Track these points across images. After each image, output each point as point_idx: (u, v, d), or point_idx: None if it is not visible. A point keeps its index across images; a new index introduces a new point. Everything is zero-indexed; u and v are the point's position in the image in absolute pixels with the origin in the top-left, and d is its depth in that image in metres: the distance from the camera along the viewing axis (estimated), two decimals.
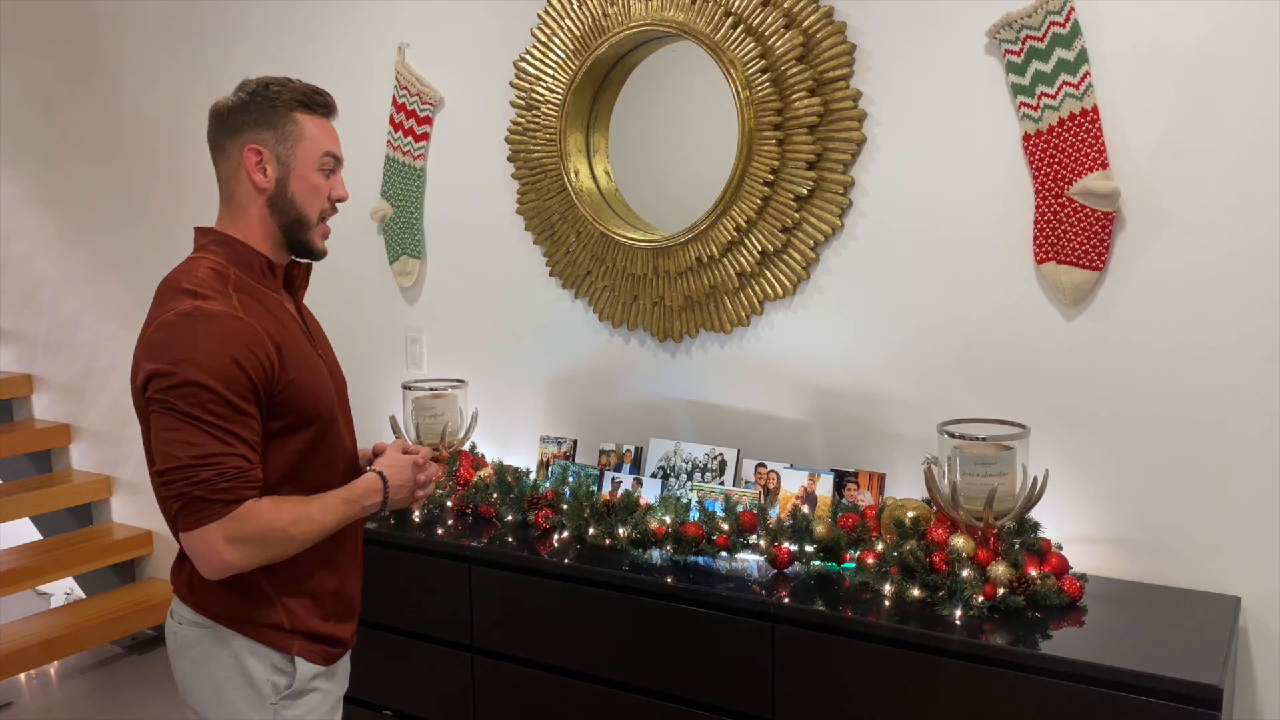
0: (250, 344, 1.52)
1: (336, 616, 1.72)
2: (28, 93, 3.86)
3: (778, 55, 2.26)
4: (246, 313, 1.56)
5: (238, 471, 1.49)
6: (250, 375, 1.51)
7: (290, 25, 3.10)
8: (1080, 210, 2.01)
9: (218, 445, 1.48)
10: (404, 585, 2.44)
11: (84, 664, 3.70)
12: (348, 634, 1.75)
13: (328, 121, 1.71)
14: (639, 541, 2.21)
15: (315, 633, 1.67)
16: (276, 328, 1.60)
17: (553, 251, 2.68)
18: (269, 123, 1.63)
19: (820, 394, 2.37)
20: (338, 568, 1.71)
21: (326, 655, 1.70)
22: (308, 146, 1.65)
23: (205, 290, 1.55)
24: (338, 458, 1.70)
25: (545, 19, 2.58)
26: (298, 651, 1.65)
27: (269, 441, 1.58)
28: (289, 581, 1.65)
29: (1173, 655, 1.70)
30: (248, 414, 1.52)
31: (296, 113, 1.65)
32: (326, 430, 1.66)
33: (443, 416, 2.63)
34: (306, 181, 1.65)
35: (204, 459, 1.48)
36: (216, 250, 1.63)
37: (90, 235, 3.78)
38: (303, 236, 1.67)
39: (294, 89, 1.66)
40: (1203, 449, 1.97)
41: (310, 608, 1.67)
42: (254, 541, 1.52)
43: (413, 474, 1.74)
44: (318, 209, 1.67)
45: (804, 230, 2.31)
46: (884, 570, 1.98)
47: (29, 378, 4.08)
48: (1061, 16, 1.98)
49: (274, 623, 1.63)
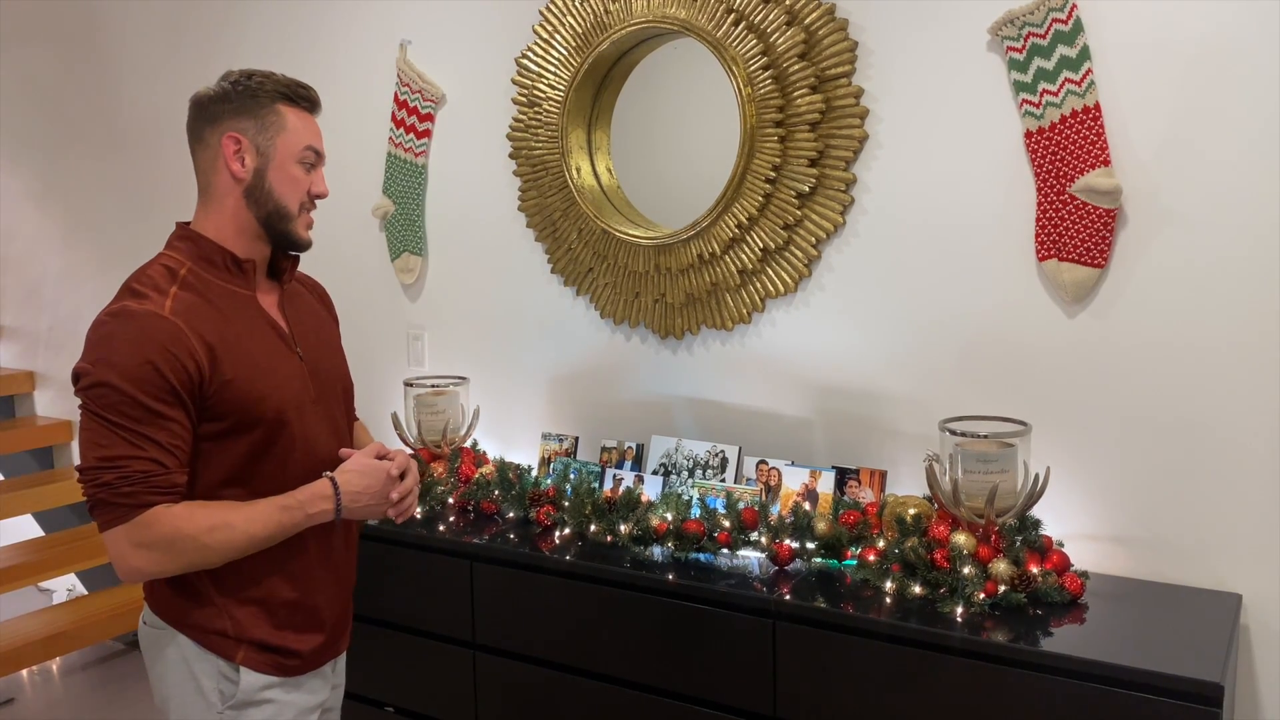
0: (169, 344, 1.48)
1: (293, 627, 1.64)
2: (30, 89, 3.87)
3: (780, 52, 2.26)
4: (178, 311, 1.52)
5: (144, 476, 1.46)
6: (167, 377, 1.47)
7: (292, 22, 3.10)
8: (1082, 207, 2.01)
9: (125, 448, 1.46)
10: (405, 582, 2.44)
11: (86, 660, 3.71)
12: (307, 646, 1.67)
13: (311, 116, 1.67)
14: (640, 538, 2.21)
15: (263, 642, 1.61)
16: (218, 327, 1.55)
17: (554, 248, 2.68)
18: (250, 112, 1.60)
19: (822, 391, 2.37)
20: (295, 577, 1.64)
21: (279, 666, 1.63)
22: (289, 138, 1.62)
23: (145, 289, 1.54)
24: (296, 462, 1.62)
25: (547, 16, 2.58)
26: (242, 660, 1.60)
27: (212, 443, 1.54)
28: (235, 588, 1.59)
29: (1174, 652, 1.70)
30: (165, 416, 1.48)
31: (279, 104, 1.61)
32: (277, 433, 1.59)
33: (444, 413, 2.64)
34: (285, 173, 1.62)
35: (108, 461, 1.46)
36: (180, 246, 1.62)
37: (92, 232, 3.78)
38: (283, 228, 1.64)
39: (277, 80, 1.63)
40: (1204, 446, 1.97)
41: (258, 616, 1.61)
42: (161, 548, 1.48)
43: (383, 484, 1.64)
44: (297, 201, 1.64)
45: (806, 227, 2.31)
46: (885, 567, 1.98)
47: (31, 374, 4.08)
48: (1064, 13, 1.98)
49: (218, 629, 1.59)
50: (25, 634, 3.36)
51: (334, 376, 1.75)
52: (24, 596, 3.99)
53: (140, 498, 1.47)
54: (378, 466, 1.65)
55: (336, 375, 1.76)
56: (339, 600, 1.74)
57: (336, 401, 1.75)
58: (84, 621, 3.47)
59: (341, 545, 1.74)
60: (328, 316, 1.86)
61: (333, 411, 1.72)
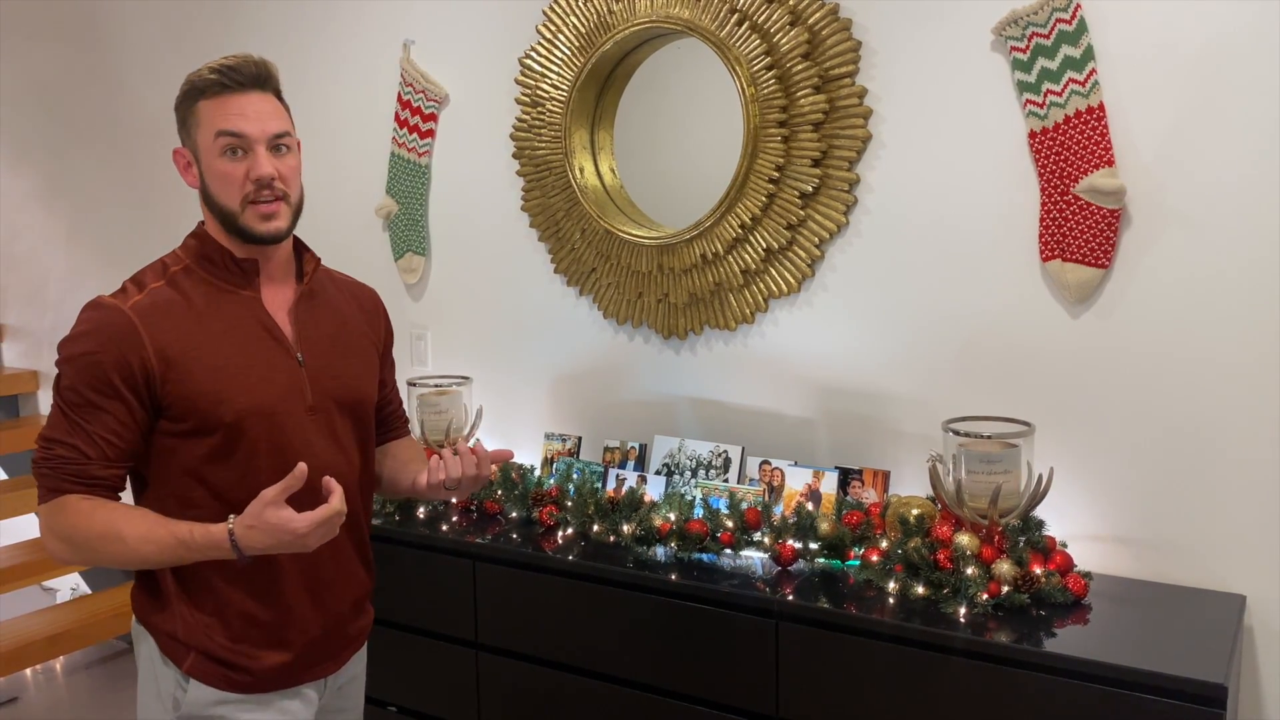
0: (118, 339, 1.49)
1: (250, 641, 1.56)
2: (34, 89, 3.87)
3: (783, 52, 2.26)
4: (141, 309, 1.51)
5: (61, 461, 1.49)
6: (109, 371, 1.48)
7: (296, 22, 3.10)
8: (1086, 208, 2.01)
9: (58, 431, 1.50)
10: (408, 581, 2.44)
11: (89, 659, 3.71)
12: (263, 664, 1.57)
13: (230, 97, 1.54)
14: (643, 538, 2.21)
15: (211, 653, 1.55)
16: (188, 327, 1.52)
17: (557, 248, 2.68)
18: (182, 120, 1.58)
19: (825, 391, 2.37)
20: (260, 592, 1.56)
21: (227, 680, 1.55)
22: (203, 133, 1.54)
23: (130, 284, 1.57)
24: (264, 469, 1.52)
25: (550, 16, 2.58)
26: (189, 669, 1.54)
27: (170, 440, 1.53)
28: (191, 590, 1.55)
29: (1178, 653, 1.69)
30: (99, 408, 1.48)
31: (198, 102, 1.55)
32: (236, 440, 1.52)
33: (447, 413, 2.64)
34: (213, 170, 1.55)
35: (43, 440, 1.51)
36: (188, 244, 1.62)
37: (96, 231, 3.78)
38: (236, 225, 1.56)
39: (197, 77, 1.55)
40: (1209, 446, 1.96)
41: (211, 626, 1.55)
42: (62, 539, 1.49)
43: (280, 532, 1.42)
44: (236, 196, 1.54)
45: (809, 227, 2.31)
46: (888, 568, 1.97)
47: (35, 374, 4.08)
48: (1068, 13, 1.98)
49: (169, 631, 1.55)
50: (28, 633, 3.37)
51: (344, 385, 1.65)
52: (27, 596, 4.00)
53: (54, 482, 1.49)
54: (277, 525, 1.42)
55: (349, 384, 1.67)
56: (319, 622, 1.63)
57: (345, 411, 1.65)
58: (87, 620, 3.47)
59: (331, 566, 1.64)
60: (364, 325, 1.77)
61: (335, 420, 1.63)
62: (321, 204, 2.80)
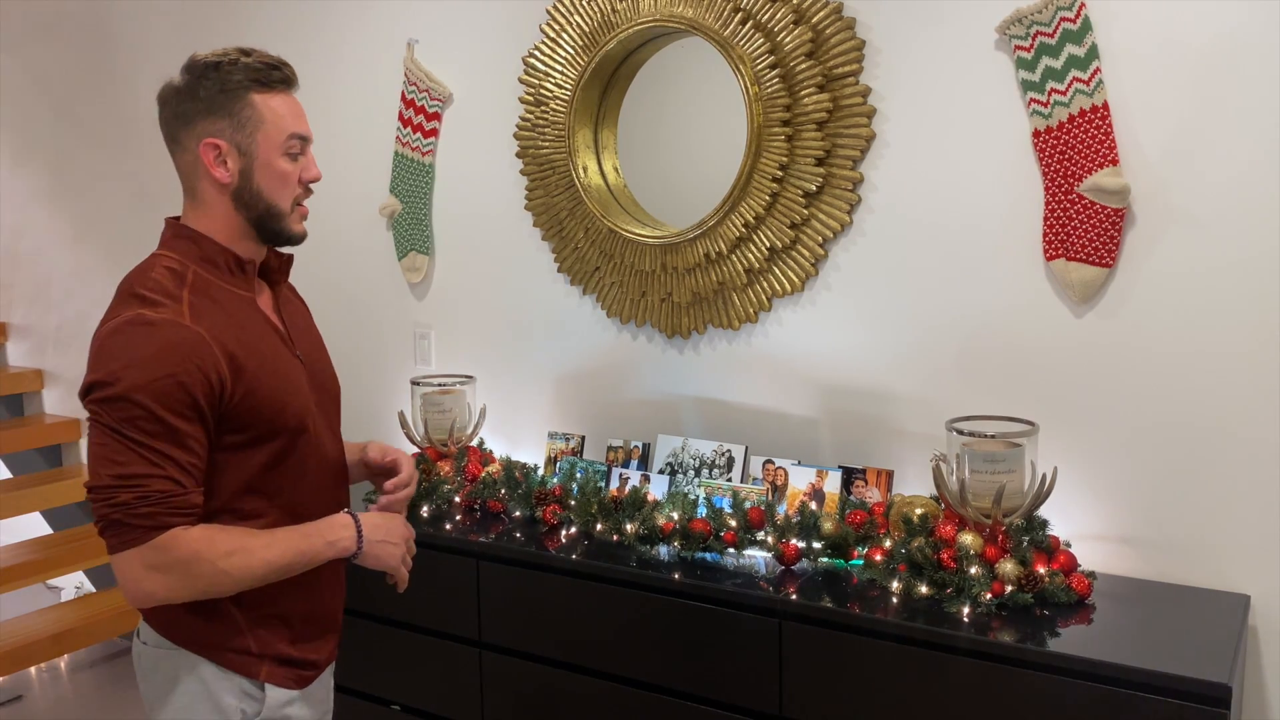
0: (194, 356, 1.40)
1: (307, 638, 1.61)
2: (39, 89, 3.88)
3: (787, 51, 2.26)
4: (197, 319, 1.43)
5: (162, 496, 1.37)
6: (192, 391, 1.39)
7: (300, 21, 3.10)
8: (1090, 207, 2.01)
9: (144, 466, 1.37)
10: (412, 580, 2.43)
11: (94, 657, 3.72)
12: (321, 654, 1.65)
13: (288, 96, 1.52)
14: (646, 538, 2.21)
15: (285, 657, 1.57)
16: (235, 334, 1.47)
17: (561, 247, 2.68)
18: (223, 109, 1.47)
19: (829, 390, 2.36)
20: (305, 586, 1.58)
21: (299, 679, 1.60)
22: (269, 131, 1.49)
23: (155, 295, 1.44)
24: (311, 468, 1.56)
25: (554, 15, 2.58)
26: (266, 677, 1.55)
27: (229, 454, 1.47)
28: (257, 605, 1.54)
29: (1182, 653, 1.69)
30: (185, 434, 1.39)
31: (252, 94, 1.48)
32: (295, 441, 1.53)
33: (451, 412, 2.64)
34: (272, 169, 1.50)
35: (125, 480, 1.36)
36: (179, 246, 1.51)
37: (101, 231, 3.79)
38: (276, 226, 1.53)
39: (246, 66, 1.47)
40: (1212, 446, 1.96)
41: (280, 632, 1.57)
42: (178, 572, 1.39)
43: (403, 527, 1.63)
44: (289, 197, 1.53)
45: (813, 227, 2.31)
46: (892, 567, 1.97)
47: (39, 373, 4.09)
48: (1072, 12, 1.98)
49: (241, 648, 1.53)
50: (33, 631, 3.38)
51: (328, 378, 1.69)
52: (32, 594, 4.01)
53: (159, 519, 1.38)
54: (393, 516, 1.64)
55: (332, 376, 1.71)
56: (339, 602, 1.72)
57: (334, 404, 1.69)
58: (92, 619, 3.48)
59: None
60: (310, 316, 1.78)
61: (330, 413, 1.67)
62: (326, 203, 2.80)
